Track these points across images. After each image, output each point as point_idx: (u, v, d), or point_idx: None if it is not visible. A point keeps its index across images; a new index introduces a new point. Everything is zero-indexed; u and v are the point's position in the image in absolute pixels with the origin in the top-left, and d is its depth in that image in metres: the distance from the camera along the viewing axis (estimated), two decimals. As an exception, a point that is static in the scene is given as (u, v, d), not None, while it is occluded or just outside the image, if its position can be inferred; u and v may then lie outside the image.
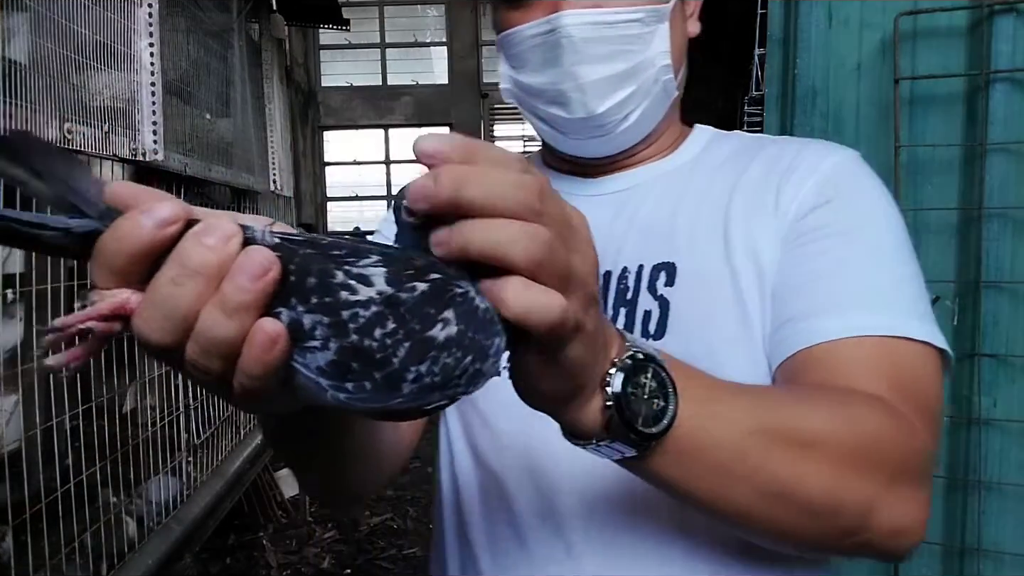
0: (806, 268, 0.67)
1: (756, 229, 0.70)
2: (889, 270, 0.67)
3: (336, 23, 4.52)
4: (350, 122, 9.68)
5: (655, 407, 0.47)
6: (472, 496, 0.76)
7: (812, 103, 1.43)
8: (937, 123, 1.39)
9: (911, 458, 0.58)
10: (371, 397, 0.36)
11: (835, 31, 1.42)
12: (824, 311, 0.64)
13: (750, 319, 0.68)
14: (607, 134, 0.75)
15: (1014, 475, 1.35)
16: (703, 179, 0.77)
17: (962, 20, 1.36)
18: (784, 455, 0.52)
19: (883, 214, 0.70)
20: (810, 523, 0.54)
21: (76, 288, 1.82)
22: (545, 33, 0.71)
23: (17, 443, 1.64)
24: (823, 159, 0.73)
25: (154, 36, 2.14)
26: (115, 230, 0.36)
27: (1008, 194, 1.34)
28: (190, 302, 0.35)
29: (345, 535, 3.87)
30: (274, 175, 3.83)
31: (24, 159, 0.37)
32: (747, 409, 0.53)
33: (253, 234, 0.37)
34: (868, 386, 0.59)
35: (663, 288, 0.71)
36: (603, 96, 0.72)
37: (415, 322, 0.35)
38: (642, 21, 0.71)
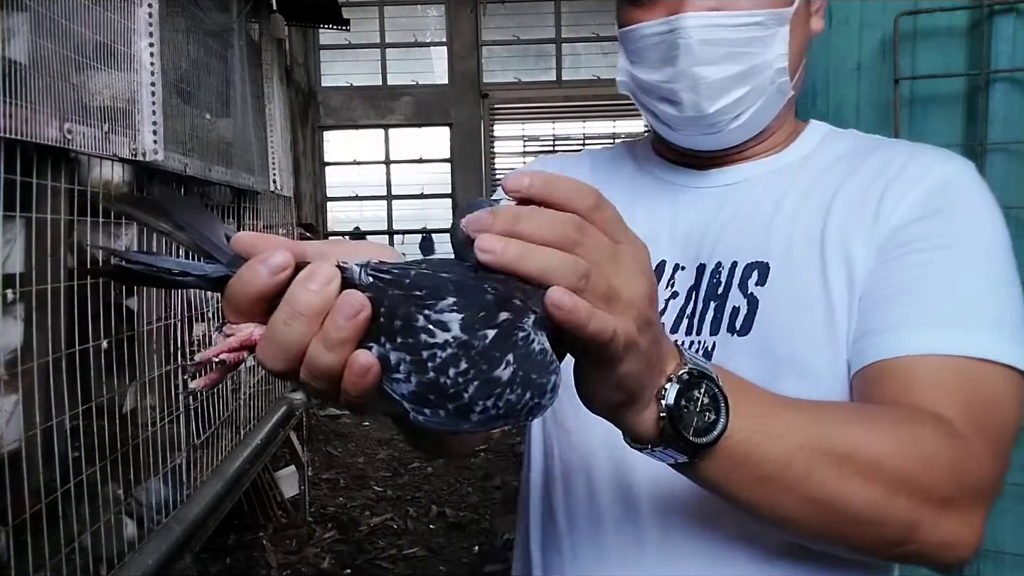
0: (899, 279, 0.67)
1: (853, 236, 0.70)
2: (983, 289, 0.66)
3: (336, 23, 4.52)
4: (350, 122, 9.68)
5: (706, 419, 0.52)
6: (558, 490, 0.79)
7: (812, 103, 1.43)
8: (937, 123, 1.39)
9: (968, 484, 0.60)
10: (445, 422, 0.44)
11: (835, 31, 1.42)
12: (908, 325, 0.64)
13: (836, 325, 0.68)
14: (718, 132, 0.76)
15: (1014, 475, 1.35)
16: (808, 179, 0.77)
17: (962, 20, 1.36)
18: (830, 471, 0.55)
19: (987, 231, 0.69)
20: (854, 533, 0.57)
21: (76, 288, 1.82)
22: (665, 32, 0.72)
23: (17, 443, 1.64)
24: (932, 169, 0.72)
25: (154, 36, 2.14)
26: (239, 277, 0.44)
27: (1008, 194, 1.34)
28: (299, 338, 0.43)
29: (345, 535, 3.87)
30: (274, 175, 3.82)
31: (169, 213, 0.47)
32: (799, 425, 0.56)
33: (351, 274, 0.44)
34: (938, 406, 0.61)
35: (754, 287, 0.72)
36: (716, 97, 0.73)
37: (483, 363, 0.42)
38: (763, 24, 0.72)
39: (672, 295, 0.77)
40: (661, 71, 0.74)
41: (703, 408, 0.51)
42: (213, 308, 2.86)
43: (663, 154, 0.86)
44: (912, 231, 0.69)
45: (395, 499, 4.33)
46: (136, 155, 2.06)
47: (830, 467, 0.55)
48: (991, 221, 0.70)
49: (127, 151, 2.02)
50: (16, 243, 1.67)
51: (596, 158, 0.92)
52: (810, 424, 0.57)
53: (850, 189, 0.73)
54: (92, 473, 1.83)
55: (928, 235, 0.68)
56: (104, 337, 1.95)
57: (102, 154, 1.90)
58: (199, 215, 0.47)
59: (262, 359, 0.44)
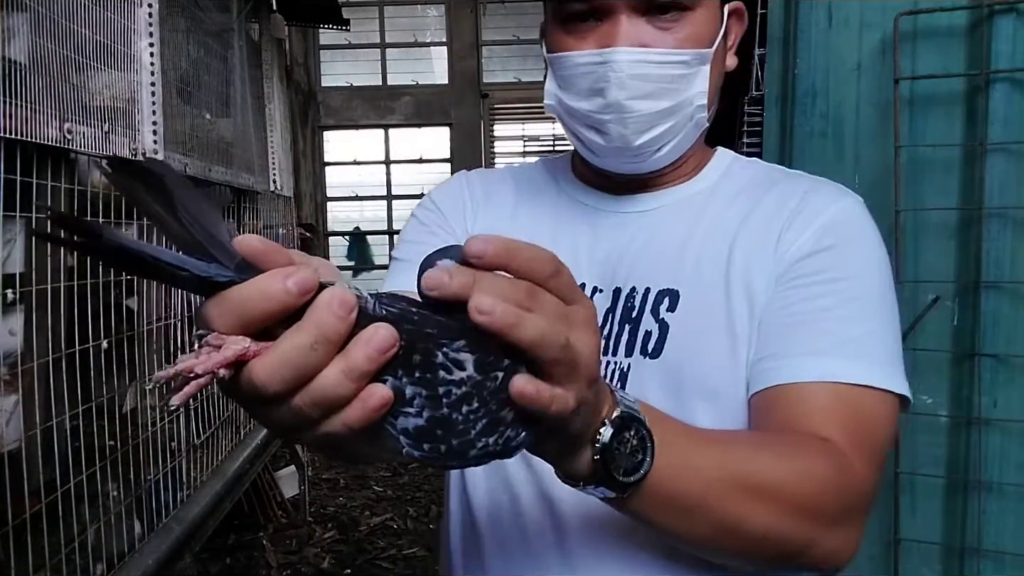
0: (796, 309, 0.73)
1: (755, 268, 0.76)
2: (867, 321, 0.73)
3: (336, 23, 4.52)
4: (350, 122, 9.68)
5: (635, 460, 0.55)
6: (484, 513, 0.82)
7: (812, 103, 1.43)
8: (937, 123, 1.39)
9: (851, 501, 0.66)
10: (440, 459, 0.44)
11: (835, 31, 1.42)
12: (800, 353, 0.71)
13: (738, 350, 0.74)
14: (640, 162, 0.80)
15: (1014, 475, 1.35)
16: (716, 209, 0.82)
17: (962, 20, 1.36)
18: (740, 500, 0.61)
19: (874, 267, 0.76)
20: (756, 552, 0.64)
21: (76, 288, 1.82)
22: (597, 64, 0.75)
23: (17, 443, 1.64)
24: (828, 207, 0.78)
25: (154, 36, 2.14)
26: (259, 289, 0.41)
27: (1008, 194, 1.34)
28: (318, 363, 0.41)
29: (345, 535, 3.87)
30: (274, 175, 3.82)
31: (171, 195, 0.41)
32: (714, 459, 0.61)
33: (365, 304, 0.43)
34: (824, 428, 0.68)
35: (665, 312, 0.77)
36: (642, 131, 0.77)
37: (493, 403, 0.43)
38: (688, 63, 0.76)
39: None
40: (590, 101, 0.77)
41: (632, 450, 0.55)
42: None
43: (582, 176, 0.89)
44: (808, 265, 0.75)
45: (395, 499, 4.33)
46: (136, 155, 2.06)
47: (740, 497, 0.61)
48: (877, 258, 0.77)
49: (127, 151, 2.02)
50: (16, 243, 1.67)
51: (518, 177, 0.95)
52: (723, 457, 0.62)
53: (754, 221, 0.79)
54: (92, 473, 1.83)
55: (823, 269, 0.74)
56: (104, 337, 1.95)
57: (102, 154, 1.90)
58: (203, 207, 0.42)
59: (260, 380, 0.41)
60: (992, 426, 1.35)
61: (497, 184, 0.94)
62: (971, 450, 1.36)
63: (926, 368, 1.39)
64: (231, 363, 0.41)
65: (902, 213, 1.34)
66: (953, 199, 1.37)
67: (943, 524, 1.39)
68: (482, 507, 0.82)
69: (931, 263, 1.38)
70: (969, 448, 1.36)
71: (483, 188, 0.93)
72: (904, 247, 1.35)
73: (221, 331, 0.42)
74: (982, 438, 1.35)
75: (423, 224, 0.90)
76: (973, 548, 1.36)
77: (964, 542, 1.36)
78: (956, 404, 1.38)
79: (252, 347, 0.42)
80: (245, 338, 0.42)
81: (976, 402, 1.35)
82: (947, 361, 1.38)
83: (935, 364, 1.38)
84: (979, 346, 1.34)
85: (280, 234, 4.07)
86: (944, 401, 1.39)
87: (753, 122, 1.69)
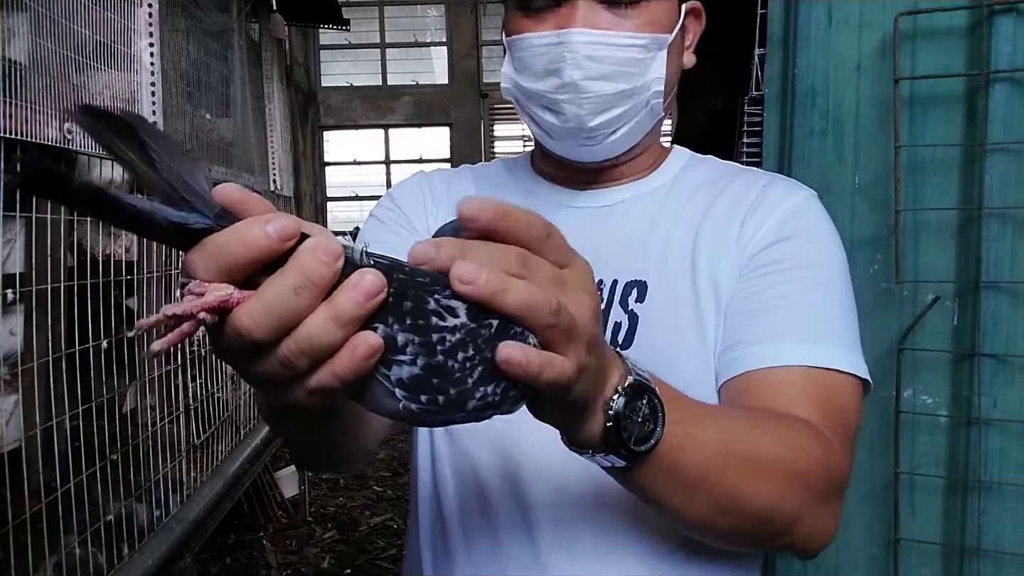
0: (758, 298, 0.75)
1: (719, 258, 0.78)
2: (829, 306, 0.75)
3: (336, 23, 4.52)
4: (350, 122, 9.68)
5: (646, 429, 0.55)
6: (450, 492, 0.82)
7: (812, 103, 1.43)
8: (937, 123, 1.39)
9: (834, 478, 0.68)
10: (440, 411, 0.43)
11: (835, 31, 1.42)
12: (767, 340, 0.72)
13: (706, 337, 0.76)
14: (594, 145, 0.81)
15: (1014, 475, 1.35)
16: (678, 202, 0.84)
17: (962, 20, 1.36)
18: (737, 474, 0.62)
19: (830, 254, 0.79)
20: (749, 529, 0.65)
21: (76, 288, 1.82)
22: (553, 44, 0.76)
23: (17, 443, 1.64)
24: (785, 199, 0.80)
25: (154, 36, 2.14)
26: (239, 234, 0.40)
27: (1008, 194, 1.34)
28: (303, 309, 0.40)
29: (345, 535, 3.87)
30: (274, 175, 3.83)
31: (141, 140, 0.40)
32: (715, 433, 0.62)
33: (352, 254, 0.42)
34: (799, 410, 0.69)
35: (634, 303, 0.78)
36: (597, 112, 0.77)
37: (488, 351, 0.42)
38: (645, 47, 0.77)
39: None
40: (546, 81, 0.78)
41: (644, 419, 0.55)
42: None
43: (542, 172, 0.90)
44: (769, 255, 0.77)
45: (395, 499, 4.33)
46: (136, 155, 2.06)
47: (738, 470, 0.62)
48: (834, 246, 0.79)
49: (127, 151, 2.02)
50: (16, 243, 1.67)
51: (479, 174, 0.96)
52: (724, 431, 0.63)
53: (716, 212, 0.81)
54: (92, 473, 1.83)
55: (783, 258, 0.76)
56: (104, 337, 1.95)
57: (102, 154, 1.90)
58: (178, 154, 0.41)
59: (243, 323, 0.40)
60: (992, 426, 1.35)
61: (457, 181, 0.95)
62: (971, 450, 1.36)
63: (926, 368, 1.39)
64: (213, 308, 0.40)
65: (902, 213, 1.34)
66: (953, 199, 1.37)
67: (943, 524, 1.39)
68: (447, 480, 0.82)
69: (931, 263, 1.38)
70: (969, 448, 1.36)
71: (443, 185, 0.94)
72: (904, 247, 1.35)
73: (204, 280, 0.41)
74: (982, 438, 1.35)
75: (383, 223, 0.90)
76: (973, 548, 1.36)
77: (964, 542, 1.36)
78: (956, 404, 1.38)
79: (236, 294, 0.41)
80: (228, 286, 0.41)
81: (976, 402, 1.35)
82: (947, 361, 1.38)
83: (935, 364, 1.38)
84: (979, 346, 1.34)
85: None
86: (944, 401, 1.39)
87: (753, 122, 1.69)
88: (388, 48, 9.72)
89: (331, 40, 9.37)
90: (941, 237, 1.38)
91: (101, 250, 2.07)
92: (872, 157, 1.40)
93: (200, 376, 2.67)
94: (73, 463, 1.75)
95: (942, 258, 1.38)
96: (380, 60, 9.74)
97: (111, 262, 2.04)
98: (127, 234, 2.17)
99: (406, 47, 9.76)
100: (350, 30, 4.87)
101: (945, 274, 1.38)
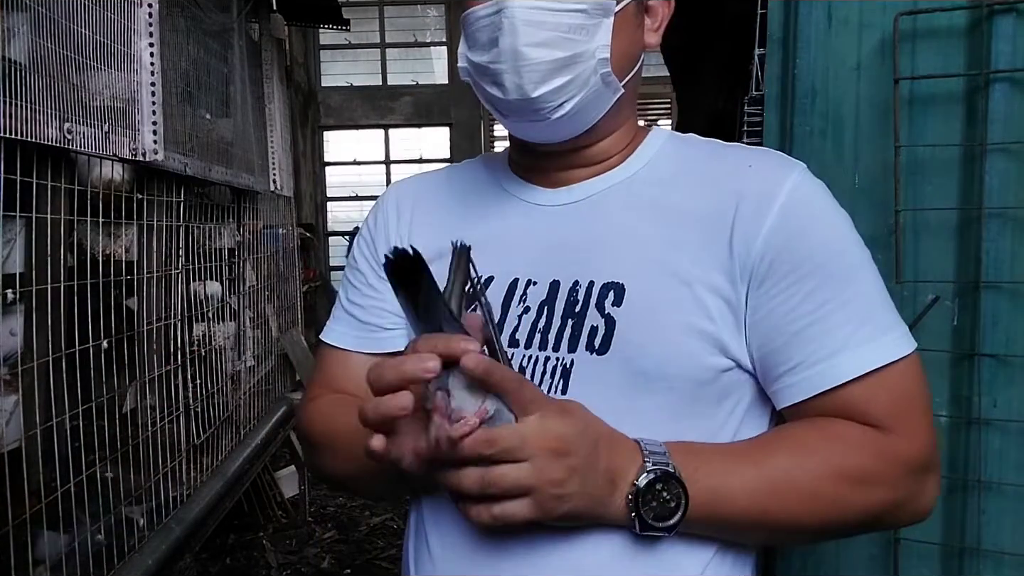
0: (798, 313, 0.73)
1: (705, 255, 0.75)
2: (867, 295, 0.75)
3: (336, 23, 4.52)
4: (350, 122, 9.67)
5: (670, 507, 0.66)
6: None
7: (812, 103, 1.43)
8: (937, 123, 1.38)
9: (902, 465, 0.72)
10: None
11: (835, 31, 1.42)
12: (824, 357, 0.73)
13: (690, 339, 0.73)
14: (543, 120, 0.77)
15: (1014, 475, 1.35)
16: (656, 192, 0.80)
17: (962, 20, 1.36)
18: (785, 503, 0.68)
19: (843, 234, 0.77)
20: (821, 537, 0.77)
21: (76, 288, 1.82)
22: (492, 14, 0.74)
23: (17, 443, 1.64)
24: (779, 184, 0.76)
25: (154, 36, 2.14)
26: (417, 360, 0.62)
27: (1008, 194, 1.34)
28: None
29: (345, 535, 3.87)
30: (274, 175, 3.82)
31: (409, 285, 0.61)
32: (752, 475, 0.69)
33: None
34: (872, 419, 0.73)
35: (611, 307, 0.75)
36: (538, 81, 0.74)
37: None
38: (587, 13, 0.74)
39: (524, 310, 0.80)
40: (488, 52, 0.75)
41: (665, 500, 0.65)
42: (213, 308, 2.86)
43: (518, 169, 0.89)
44: (784, 261, 0.73)
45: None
46: (136, 155, 2.06)
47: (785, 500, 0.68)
48: (844, 221, 0.77)
49: (127, 151, 2.02)
50: (16, 243, 1.67)
51: (453, 175, 0.96)
52: (759, 469, 0.69)
53: (699, 204, 0.77)
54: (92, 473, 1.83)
55: (801, 262, 0.73)
56: (104, 337, 1.95)
57: (102, 154, 1.90)
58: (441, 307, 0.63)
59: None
60: (992, 426, 1.35)
61: (429, 186, 0.95)
62: (971, 450, 1.36)
63: (926, 368, 1.39)
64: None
65: (902, 213, 1.34)
66: (953, 199, 1.37)
67: (943, 524, 1.39)
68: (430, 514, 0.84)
69: (931, 263, 1.38)
70: (969, 448, 1.36)
71: (413, 194, 0.94)
72: (904, 247, 1.35)
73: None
74: (982, 438, 1.35)
75: (360, 272, 0.92)
76: (973, 548, 1.36)
77: (964, 542, 1.36)
78: (956, 404, 1.38)
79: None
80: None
81: (976, 402, 1.35)
82: (947, 361, 1.38)
83: (935, 364, 1.38)
84: (979, 346, 1.34)
85: (280, 234, 4.07)
86: (944, 401, 1.39)
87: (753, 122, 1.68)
88: (388, 48, 9.72)
89: (331, 40, 9.36)
90: (941, 237, 1.38)
91: (101, 250, 2.07)
92: (872, 157, 1.40)
93: (200, 376, 2.67)
94: (73, 463, 1.75)
95: (942, 258, 1.38)
96: (380, 60, 9.73)
97: (111, 262, 2.04)
98: (127, 234, 2.17)
99: (406, 47, 9.76)
100: (350, 30, 4.87)
101: (945, 274, 1.38)
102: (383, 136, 9.82)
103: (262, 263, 3.66)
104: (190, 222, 2.60)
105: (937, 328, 1.37)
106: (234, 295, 3.20)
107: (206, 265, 2.80)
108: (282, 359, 3.94)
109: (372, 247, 0.93)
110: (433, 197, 0.93)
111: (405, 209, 0.92)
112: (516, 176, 0.89)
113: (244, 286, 3.33)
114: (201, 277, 2.75)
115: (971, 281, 1.35)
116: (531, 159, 0.86)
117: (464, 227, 0.85)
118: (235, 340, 3.18)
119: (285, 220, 4.22)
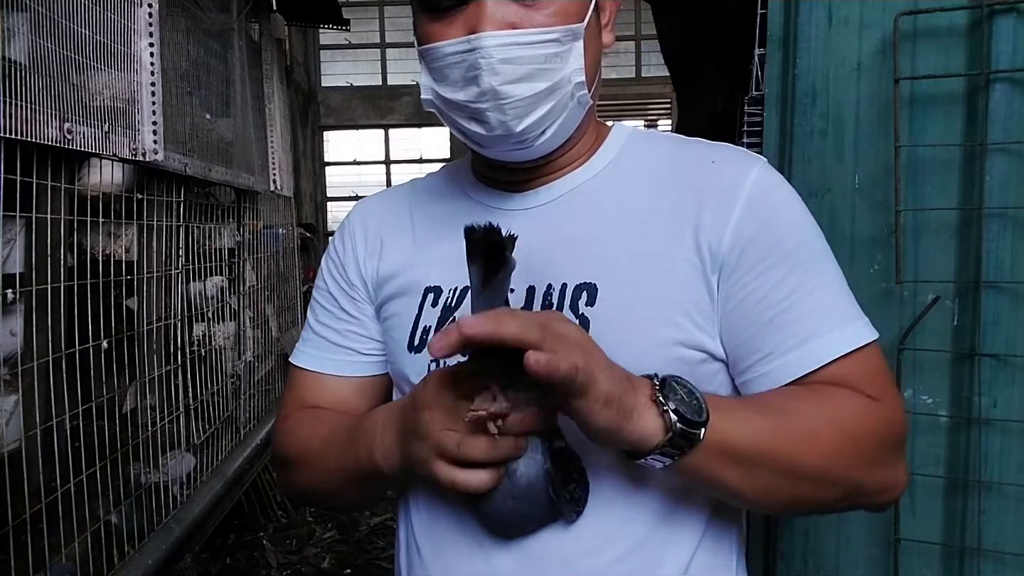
0: (770, 301, 0.75)
1: (672, 252, 0.76)
2: (831, 283, 0.77)
3: (336, 23, 4.52)
4: (350, 122, 9.68)
5: (694, 404, 0.65)
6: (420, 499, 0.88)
7: (812, 103, 1.43)
8: (937, 123, 1.38)
9: (887, 435, 0.74)
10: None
11: (835, 31, 1.42)
12: (795, 345, 0.74)
13: (662, 337, 0.75)
14: (526, 147, 0.78)
15: (1014, 475, 1.35)
16: (621, 191, 0.81)
17: (962, 20, 1.36)
18: (788, 443, 0.69)
19: (803, 225, 0.78)
20: (810, 494, 0.72)
21: (76, 288, 1.82)
22: (465, 51, 0.72)
23: (17, 443, 1.64)
24: (742, 178, 0.77)
25: (154, 36, 2.14)
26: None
27: (1008, 194, 1.34)
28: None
29: (345, 535, 3.87)
30: (274, 175, 3.82)
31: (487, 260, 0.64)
32: (756, 412, 0.70)
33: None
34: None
35: (584, 307, 0.76)
36: (522, 116, 0.74)
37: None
38: (559, 40, 0.74)
39: None
40: (466, 90, 0.74)
41: (686, 396, 0.65)
42: (213, 308, 2.86)
43: (481, 175, 0.88)
44: (752, 251, 0.75)
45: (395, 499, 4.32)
46: (136, 155, 2.06)
47: (788, 440, 0.69)
48: (804, 213, 0.79)
49: (127, 151, 2.02)
50: (16, 243, 1.67)
51: (417, 188, 0.95)
52: (763, 410, 0.70)
53: (665, 201, 0.78)
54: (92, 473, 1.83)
55: (769, 251, 0.75)
56: (104, 337, 1.95)
57: (102, 154, 1.90)
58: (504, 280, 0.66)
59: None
60: (992, 426, 1.35)
61: (393, 204, 0.94)
62: (971, 450, 1.36)
63: (926, 368, 1.39)
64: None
65: (902, 213, 1.34)
66: (953, 199, 1.37)
67: (943, 524, 1.39)
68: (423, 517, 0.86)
69: (931, 263, 1.37)
70: (969, 448, 1.36)
71: (378, 214, 0.93)
72: (904, 247, 1.35)
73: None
74: (982, 438, 1.35)
75: (331, 295, 0.92)
76: (973, 548, 1.36)
77: (964, 542, 1.36)
78: (956, 404, 1.38)
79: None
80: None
81: (976, 402, 1.35)
82: (947, 361, 1.38)
83: (935, 364, 1.38)
84: (979, 346, 1.34)
85: (280, 234, 4.07)
86: (944, 401, 1.39)
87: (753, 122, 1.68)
88: (388, 48, 9.72)
89: (331, 40, 9.36)
90: (941, 237, 1.38)
91: (101, 250, 2.07)
92: (872, 157, 1.40)
93: (200, 376, 2.67)
94: (73, 463, 1.75)
95: (942, 258, 1.38)
96: (380, 60, 9.74)
97: (111, 262, 2.04)
98: (127, 234, 2.17)
99: (406, 47, 9.76)
100: (350, 30, 4.87)
101: (945, 274, 1.38)
102: (383, 136, 9.83)
103: (262, 263, 3.67)
104: (190, 222, 2.60)
105: (937, 328, 1.37)
106: (234, 295, 3.21)
107: (206, 265, 2.80)
108: (282, 359, 3.94)
109: (342, 270, 0.91)
110: (399, 216, 0.92)
111: (372, 230, 0.91)
112: (481, 184, 0.88)
113: (244, 286, 3.33)
114: (201, 277, 2.76)
115: (971, 281, 1.35)
116: (495, 169, 0.85)
117: (433, 240, 0.85)
118: (235, 340, 3.18)
119: (285, 220, 4.22)
